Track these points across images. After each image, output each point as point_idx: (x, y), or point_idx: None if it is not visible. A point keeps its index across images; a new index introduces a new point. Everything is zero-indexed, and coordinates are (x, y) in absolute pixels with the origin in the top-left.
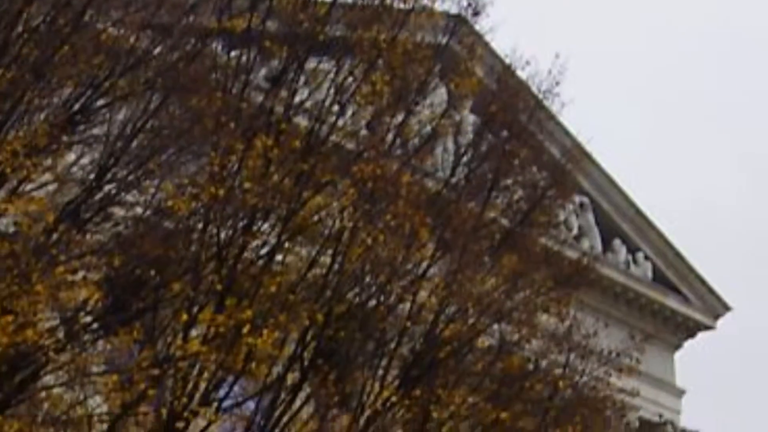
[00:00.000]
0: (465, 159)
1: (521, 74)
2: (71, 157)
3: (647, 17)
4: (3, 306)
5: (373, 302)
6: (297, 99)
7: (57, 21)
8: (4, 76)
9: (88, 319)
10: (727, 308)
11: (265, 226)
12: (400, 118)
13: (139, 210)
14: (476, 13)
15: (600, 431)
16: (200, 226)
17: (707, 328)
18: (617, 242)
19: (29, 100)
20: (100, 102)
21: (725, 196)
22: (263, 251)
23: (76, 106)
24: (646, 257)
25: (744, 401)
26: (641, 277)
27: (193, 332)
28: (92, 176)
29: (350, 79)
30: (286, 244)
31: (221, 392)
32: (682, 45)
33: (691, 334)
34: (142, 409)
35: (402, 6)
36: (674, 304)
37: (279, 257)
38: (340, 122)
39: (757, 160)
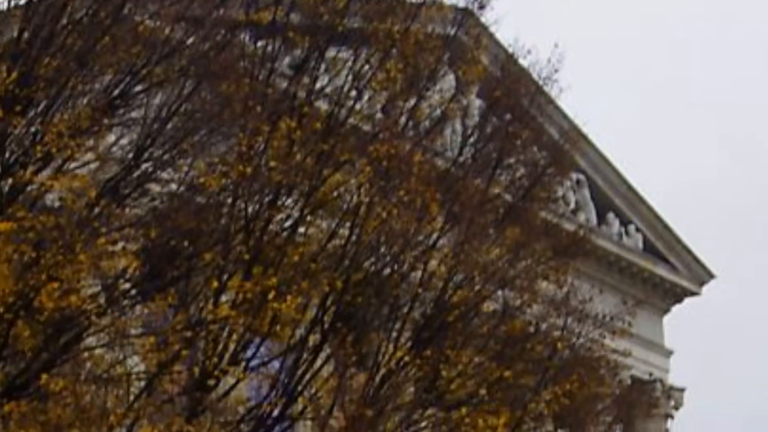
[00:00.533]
0: (471, 140)
1: (523, 62)
2: (111, 138)
3: (638, 8)
4: (49, 274)
5: (387, 270)
6: (318, 85)
7: (98, 14)
8: (50, 64)
9: (127, 285)
10: (711, 276)
11: (289, 201)
12: (412, 102)
13: (173, 186)
14: (482, 7)
15: (595, 388)
16: (229, 201)
17: (693, 294)
18: (611, 215)
19: (73, 86)
20: (138, 88)
21: (709, 173)
22: (287, 224)
23: (116, 92)
24: (637, 229)
25: (727, 360)
26: (632, 247)
27: (223, 298)
28: (131, 155)
29: (366, 66)
30: (308, 218)
31: (248, 353)
32: (669, 34)
33: (678, 300)
34: (176, 368)
35: (414, 0)
36: (663, 272)
37: (301, 229)
38: (358, 106)
39: (738, 141)
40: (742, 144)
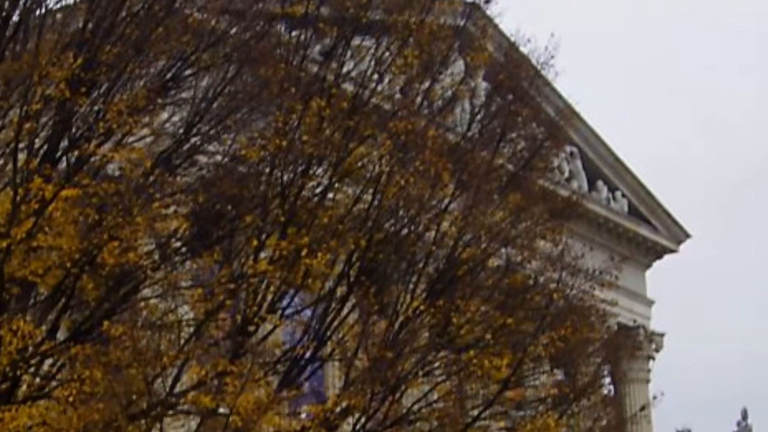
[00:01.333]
0: (478, 117)
1: (523, 50)
2: (164, 115)
3: (624, 1)
4: (110, 234)
5: (404, 231)
6: (344, 69)
7: (153, 7)
8: (111, 51)
9: (178, 244)
10: (687, 235)
11: (319, 170)
12: (426, 84)
13: (218, 157)
14: (487, 1)
15: (586, 333)
16: (267, 170)
17: (671, 251)
18: (600, 183)
19: (131, 70)
20: (188, 72)
21: (685, 146)
22: (317, 190)
23: (168, 75)
24: (623, 195)
25: (701, 309)
26: (619, 210)
27: (262, 255)
28: (181, 131)
29: (387, 53)
30: (336, 185)
31: (284, 302)
32: (651, 24)
33: (659, 256)
34: (221, 315)
35: None
36: (645, 232)
37: (330, 195)
38: (379, 88)
39: (709, 118)
40: (713, 121)
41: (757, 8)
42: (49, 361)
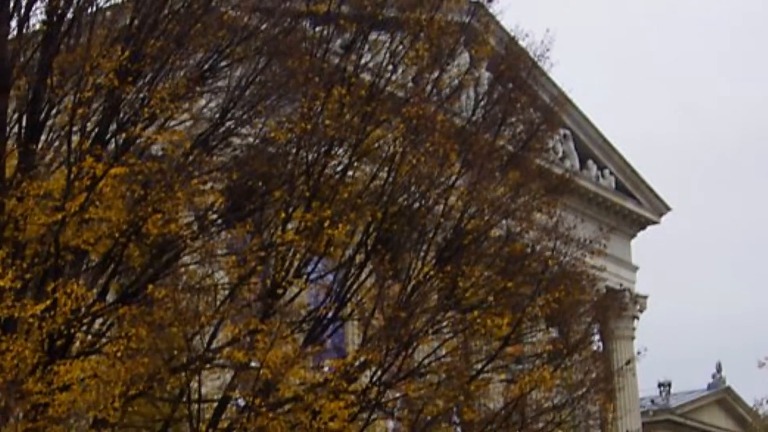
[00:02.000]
0: (482, 103)
1: (522, 44)
2: (202, 102)
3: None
4: (154, 207)
5: (416, 205)
6: (362, 61)
7: (192, 5)
8: (154, 45)
9: (214, 216)
10: (667, 208)
11: (340, 150)
12: (435, 74)
13: (250, 139)
14: (490, 0)
15: (578, 296)
16: (294, 150)
17: (654, 222)
18: (590, 162)
19: (172, 61)
20: (223, 63)
21: (666, 128)
22: (338, 168)
23: (206, 66)
24: (611, 173)
25: (679, 274)
26: (607, 186)
27: (289, 226)
28: (217, 115)
29: (400, 47)
30: (355, 164)
31: (308, 268)
32: (633, 19)
33: (642, 227)
34: (253, 280)
35: None
36: (630, 205)
37: (350, 173)
38: (393, 77)
39: (687, 102)
40: (691, 106)
41: (730, 5)
42: (99, 321)
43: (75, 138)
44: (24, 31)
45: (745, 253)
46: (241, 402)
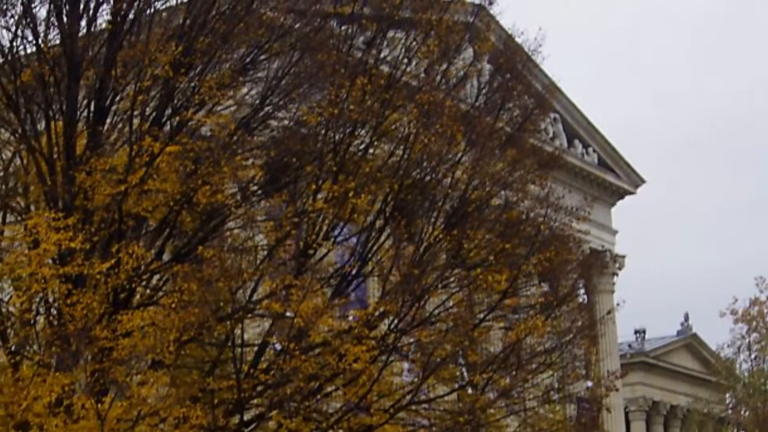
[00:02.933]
0: (484, 91)
1: (518, 40)
2: (245, 90)
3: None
4: (203, 180)
5: (427, 178)
6: (381, 55)
7: (236, 7)
8: (204, 41)
9: (255, 188)
10: (643, 180)
11: (362, 131)
12: (444, 66)
13: (286, 122)
14: (491, 3)
15: (565, 256)
16: (323, 132)
17: (630, 193)
18: (576, 141)
19: (219, 55)
20: (262, 57)
21: (643, 112)
22: (361, 147)
23: (248, 59)
24: (594, 150)
25: (653, 237)
26: (591, 162)
27: (319, 196)
28: (257, 102)
29: (414, 43)
30: (375, 143)
31: (335, 232)
32: (616, 18)
33: (621, 197)
34: (288, 242)
35: None
36: (610, 178)
37: (371, 150)
38: (408, 69)
39: (663, 91)
40: (665, 93)
41: (696, 7)
42: (156, 277)
43: (136, 121)
44: (92, 29)
45: (710, 218)
46: (278, 346)
